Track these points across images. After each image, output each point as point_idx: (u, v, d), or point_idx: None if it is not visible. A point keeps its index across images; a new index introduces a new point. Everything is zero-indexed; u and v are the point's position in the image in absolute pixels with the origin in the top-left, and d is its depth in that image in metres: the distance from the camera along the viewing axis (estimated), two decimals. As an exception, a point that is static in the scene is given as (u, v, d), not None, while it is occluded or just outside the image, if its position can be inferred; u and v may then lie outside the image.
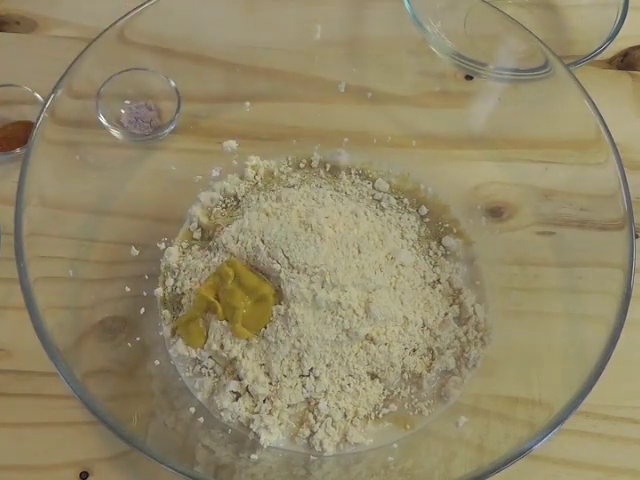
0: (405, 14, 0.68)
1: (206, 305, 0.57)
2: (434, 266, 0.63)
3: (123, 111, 0.67)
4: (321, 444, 0.55)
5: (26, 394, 0.57)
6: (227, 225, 0.62)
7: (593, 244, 0.58)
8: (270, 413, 0.56)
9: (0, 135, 0.66)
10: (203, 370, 0.58)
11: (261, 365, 0.56)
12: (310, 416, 0.56)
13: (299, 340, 0.55)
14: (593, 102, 0.58)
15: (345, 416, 0.56)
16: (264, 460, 0.54)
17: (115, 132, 0.65)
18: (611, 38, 0.70)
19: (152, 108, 0.68)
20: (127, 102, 0.68)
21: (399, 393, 0.58)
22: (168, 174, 0.66)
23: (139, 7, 0.61)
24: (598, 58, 0.71)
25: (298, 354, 0.56)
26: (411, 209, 0.66)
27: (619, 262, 0.52)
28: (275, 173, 0.68)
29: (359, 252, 0.58)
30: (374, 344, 0.57)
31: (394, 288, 0.59)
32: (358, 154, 0.68)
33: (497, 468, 0.46)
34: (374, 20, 0.69)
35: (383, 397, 0.58)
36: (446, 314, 0.61)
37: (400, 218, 0.65)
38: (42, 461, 0.55)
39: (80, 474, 0.55)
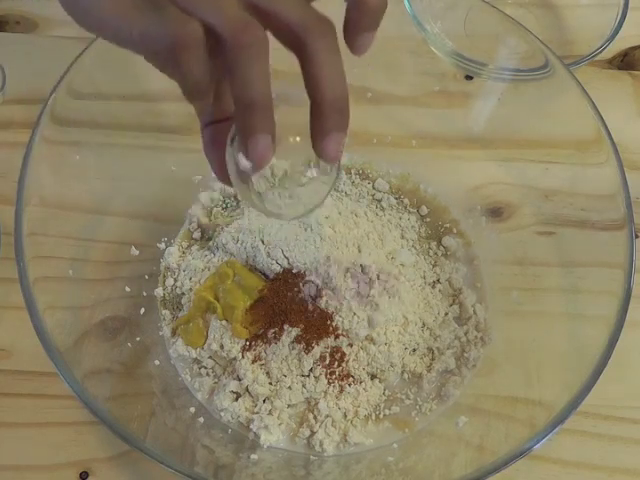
0: (405, 14, 0.67)
1: (205, 305, 0.57)
2: (434, 266, 0.63)
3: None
4: (321, 444, 0.55)
5: (26, 394, 0.57)
6: (227, 225, 0.62)
7: (593, 244, 0.58)
8: (270, 413, 0.56)
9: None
10: (203, 370, 0.58)
11: (261, 365, 0.56)
12: (310, 416, 0.56)
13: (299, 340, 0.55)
14: (593, 102, 0.57)
15: (345, 416, 0.56)
16: (264, 460, 0.54)
17: None
18: (611, 38, 0.70)
19: None
20: None
21: (399, 394, 0.58)
22: (168, 174, 0.66)
23: (139, 7, 0.61)
24: (598, 58, 0.70)
25: (298, 354, 0.56)
26: (411, 209, 0.66)
27: (619, 262, 0.52)
28: (275, 173, 0.67)
29: (359, 252, 0.58)
30: (374, 344, 0.57)
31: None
32: (358, 154, 0.68)
33: (497, 468, 0.46)
34: (374, 20, 0.69)
35: (384, 397, 0.58)
36: (446, 314, 0.61)
37: (400, 218, 0.65)
38: (42, 461, 0.55)
39: (80, 474, 0.54)
